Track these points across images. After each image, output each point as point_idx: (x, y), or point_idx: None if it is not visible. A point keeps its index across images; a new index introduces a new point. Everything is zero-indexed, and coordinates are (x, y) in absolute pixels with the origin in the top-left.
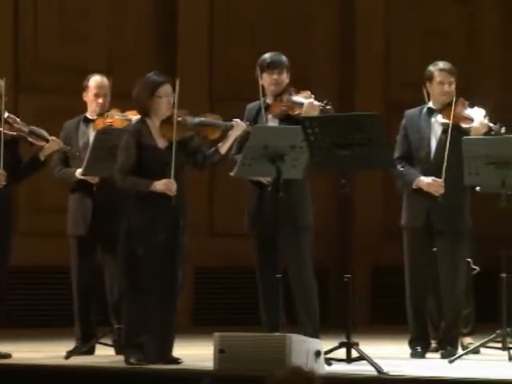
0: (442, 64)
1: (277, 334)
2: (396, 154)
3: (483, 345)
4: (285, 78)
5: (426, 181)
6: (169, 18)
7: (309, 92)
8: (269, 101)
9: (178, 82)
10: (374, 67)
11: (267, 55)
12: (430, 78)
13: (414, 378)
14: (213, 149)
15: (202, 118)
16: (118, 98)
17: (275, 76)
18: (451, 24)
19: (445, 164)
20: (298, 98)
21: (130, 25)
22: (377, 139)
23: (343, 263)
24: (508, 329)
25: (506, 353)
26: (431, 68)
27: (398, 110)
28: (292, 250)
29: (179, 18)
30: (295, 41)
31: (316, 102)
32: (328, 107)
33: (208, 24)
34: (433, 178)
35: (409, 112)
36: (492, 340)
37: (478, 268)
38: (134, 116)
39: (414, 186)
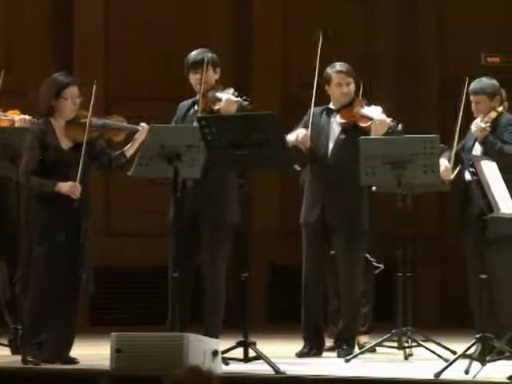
0: (339, 66)
1: (174, 333)
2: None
3: (379, 344)
4: (211, 75)
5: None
6: (65, 16)
7: (232, 89)
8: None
9: (94, 85)
10: (271, 67)
11: (191, 54)
12: (328, 80)
13: (311, 377)
14: (119, 151)
15: (106, 120)
16: (14, 96)
17: (198, 76)
18: (348, 24)
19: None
20: (219, 94)
21: (27, 21)
22: (274, 139)
23: (241, 262)
24: (404, 328)
25: (401, 352)
26: (329, 70)
27: (296, 110)
28: (208, 251)
29: (75, 15)
30: (191, 41)
31: (233, 98)
32: (245, 103)
33: (104, 21)
34: None
35: (313, 110)
36: (388, 339)
37: (382, 266)
38: (17, 116)
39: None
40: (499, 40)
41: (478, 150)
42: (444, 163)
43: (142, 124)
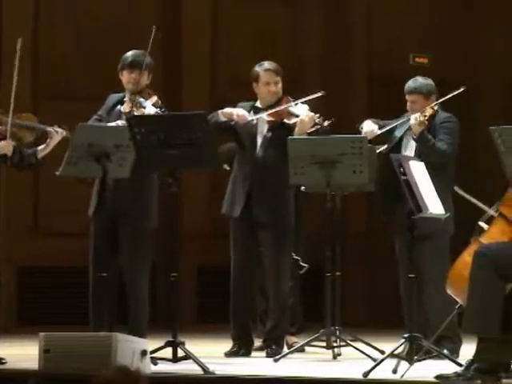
0: (267, 64)
1: (103, 333)
2: None
3: (308, 343)
4: (145, 78)
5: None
6: None
7: (156, 97)
8: (126, 98)
9: (15, 82)
10: (200, 66)
11: (131, 53)
12: (256, 78)
13: (240, 376)
14: (31, 150)
15: (17, 120)
16: None
17: (133, 75)
18: (279, 24)
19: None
20: (143, 102)
21: None
22: (204, 138)
23: (170, 262)
24: (332, 328)
25: (330, 351)
26: (257, 68)
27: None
28: (127, 254)
29: (3, 15)
30: (120, 41)
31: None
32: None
33: (33, 21)
34: None
35: (241, 105)
36: (317, 339)
37: (307, 265)
38: None
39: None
40: (427, 40)
41: (407, 145)
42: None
43: (57, 129)
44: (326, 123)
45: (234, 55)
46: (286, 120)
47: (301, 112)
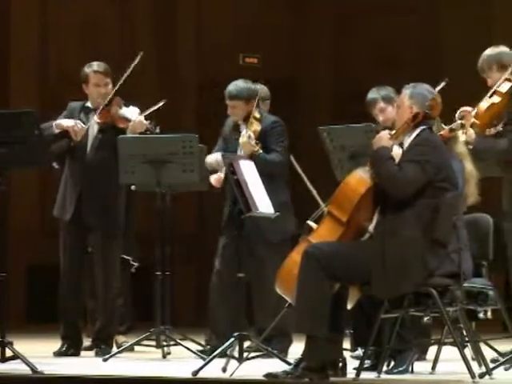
0: (96, 66)
1: None
2: None
3: (137, 343)
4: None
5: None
6: None
7: None
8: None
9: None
10: (28, 63)
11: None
12: (86, 79)
13: (68, 376)
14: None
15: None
16: None
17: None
18: (106, 22)
19: None
20: None
21: None
22: (32, 136)
23: None
24: (162, 327)
25: (160, 351)
26: (86, 70)
27: (55, 106)
28: None
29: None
30: None
31: None
32: None
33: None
34: None
35: (72, 104)
36: (146, 338)
37: (136, 264)
38: None
39: None
40: (257, 41)
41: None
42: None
43: None
44: (157, 130)
45: (62, 50)
46: (116, 124)
47: (131, 115)
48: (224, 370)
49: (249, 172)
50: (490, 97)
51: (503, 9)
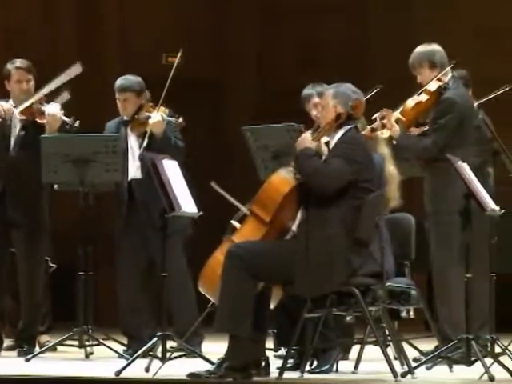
0: (19, 62)
1: None
2: None
3: (60, 343)
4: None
5: None
6: None
7: None
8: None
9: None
10: None
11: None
12: (8, 76)
13: None
14: None
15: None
16: None
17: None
18: (29, 21)
19: None
20: None
21: None
22: None
23: None
24: (85, 326)
25: (82, 350)
26: (8, 66)
27: None
28: None
29: None
30: None
31: None
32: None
33: None
34: None
35: None
36: (69, 338)
37: (54, 265)
38: None
39: None
40: (181, 41)
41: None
42: None
43: None
44: (77, 123)
45: None
46: (38, 119)
47: (51, 111)
48: (147, 369)
49: (172, 172)
50: (419, 95)
51: (425, 10)
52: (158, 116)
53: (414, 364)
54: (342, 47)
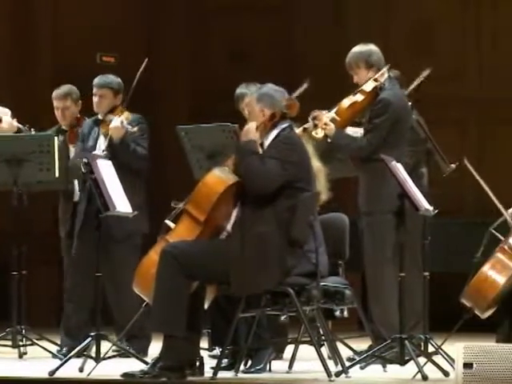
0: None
1: None
2: None
3: None
4: None
5: None
6: None
7: None
8: None
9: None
10: None
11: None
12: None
13: None
14: None
15: None
16: None
17: None
18: None
19: None
20: None
21: None
22: None
23: None
24: (18, 326)
25: (16, 350)
26: None
27: None
28: None
29: None
30: None
31: None
32: None
33: None
34: None
35: None
36: (2, 338)
37: None
38: None
39: None
40: (115, 40)
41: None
42: None
43: None
44: (33, 131)
45: None
46: None
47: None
48: (81, 369)
49: (106, 171)
50: (355, 95)
51: (355, 8)
52: (117, 121)
53: (348, 363)
54: (273, 45)
